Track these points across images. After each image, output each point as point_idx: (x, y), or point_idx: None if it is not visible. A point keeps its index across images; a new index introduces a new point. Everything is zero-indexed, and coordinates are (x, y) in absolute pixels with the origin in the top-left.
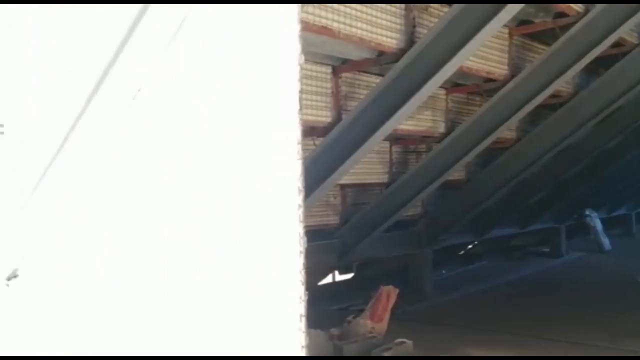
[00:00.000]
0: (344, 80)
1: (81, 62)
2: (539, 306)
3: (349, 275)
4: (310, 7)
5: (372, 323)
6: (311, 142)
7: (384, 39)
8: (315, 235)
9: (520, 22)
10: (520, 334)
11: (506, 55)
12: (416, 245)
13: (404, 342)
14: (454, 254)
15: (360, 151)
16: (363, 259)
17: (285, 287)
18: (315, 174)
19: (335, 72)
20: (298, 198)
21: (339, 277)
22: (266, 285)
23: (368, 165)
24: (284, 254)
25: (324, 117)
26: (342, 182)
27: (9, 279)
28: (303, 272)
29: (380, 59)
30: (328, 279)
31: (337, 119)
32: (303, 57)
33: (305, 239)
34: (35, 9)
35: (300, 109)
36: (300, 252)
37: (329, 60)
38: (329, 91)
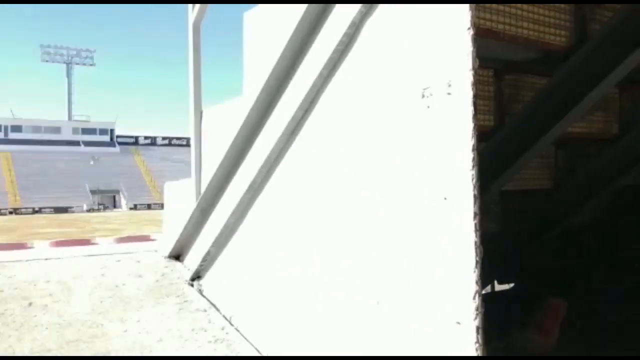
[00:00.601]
0: (507, 82)
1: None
2: None
3: (509, 285)
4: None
5: (540, 337)
6: None
7: (552, 37)
8: None
9: None
10: None
11: None
12: (584, 256)
13: None
14: (629, 266)
15: (526, 156)
16: (524, 268)
17: (462, 298)
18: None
19: (498, 74)
20: (474, 207)
21: (499, 287)
22: (442, 297)
23: (531, 170)
24: (461, 264)
25: (487, 121)
26: (503, 188)
27: (192, 279)
28: (480, 282)
29: (547, 59)
30: (487, 289)
31: (500, 122)
32: (478, 62)
33: (481, 248)
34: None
35: (476, 115)
36: (477, 262)
37: (491, 63)
38: (492, 94)
